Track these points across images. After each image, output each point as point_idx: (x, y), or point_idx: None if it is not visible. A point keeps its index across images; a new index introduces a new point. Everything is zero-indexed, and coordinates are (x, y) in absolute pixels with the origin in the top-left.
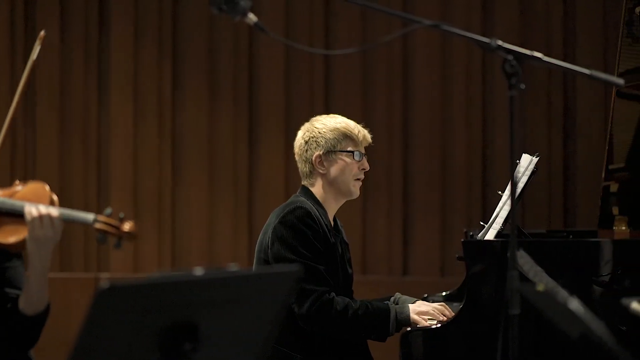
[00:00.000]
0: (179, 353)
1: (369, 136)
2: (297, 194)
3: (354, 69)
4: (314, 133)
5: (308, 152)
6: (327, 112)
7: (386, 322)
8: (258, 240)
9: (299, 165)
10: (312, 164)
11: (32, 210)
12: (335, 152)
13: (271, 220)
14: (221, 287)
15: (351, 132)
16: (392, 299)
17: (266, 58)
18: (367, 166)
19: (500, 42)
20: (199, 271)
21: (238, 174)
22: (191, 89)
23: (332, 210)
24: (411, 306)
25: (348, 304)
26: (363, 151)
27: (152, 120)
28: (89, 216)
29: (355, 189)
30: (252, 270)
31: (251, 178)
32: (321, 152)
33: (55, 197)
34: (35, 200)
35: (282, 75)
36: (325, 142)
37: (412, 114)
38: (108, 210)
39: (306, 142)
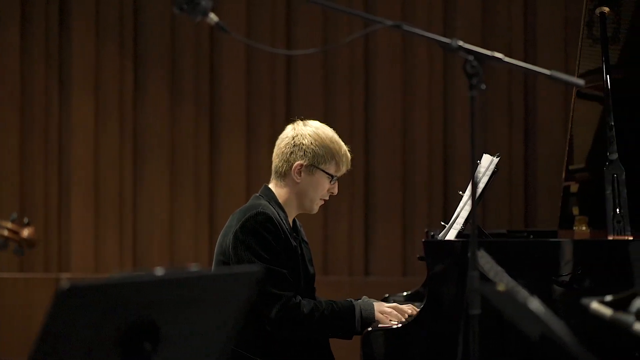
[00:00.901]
0: (139, 353)
1: (350, 164)
2: (259, 194)
3: (316, 70)
4: (305, 140)
5: (292, 156)
6: (288, 113)
7: (352, 319)
8: (217, 243)
9: (276, 161)
10: (291, 167)
11: None
12: (317, 168)
13: (232, 223)
14: (182, 287)
15: (340, 157)
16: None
17: (227, 58)
18: (336, 191)
19: (461, 43)
20: (160, 271)
21: (199, 174)
22: (153, 89)
23: (291, 215)
24: (375, 303)
25: (314, 306)
26: (339, 176)
27: (113, 121)
28: None
29: (317, 208)
30: (213, 270)
31: (212, 178)
32: (305, 163)
33: None
34: None
35: (243, 75)
36: (314, 155)
37: (373, 114)
38: (13, 216)
39: (294, 145)
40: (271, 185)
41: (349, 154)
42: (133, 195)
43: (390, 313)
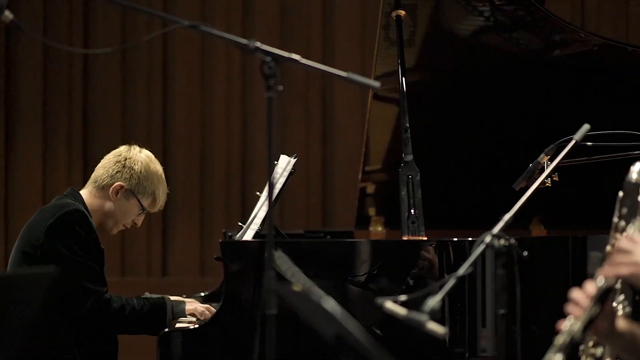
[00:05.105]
0: None
1: (163, 207)
2: (67, 194)
3: (114, 69)
4: (136, 166)
5: (117, 174)
6: (86, 113)
7: (163, 315)
8: (21, 236)
9: (100, 171)
10: (111, 185)
11: None
12: (135, 196)
13: (42, 217)
14: None
15: (159, 195)
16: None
17: (24, 57)
18: (139, 224)
19: (258, 44)
20: None
21: None
22: None
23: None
24: (187, 300)
25: (125, 301)
26: (150, 211)
27: None
28: None
29: (116, 231)
30: (7, 271)
31: (7, 175)
32: (126, 186)
33: None
34: None
35: (40, 75)
36: (137, 184)
37: (171, 114)
38: None
39: (124, 166)
40: (83, 192)
41: (165, 199)
42: None
43: (202, 312)
